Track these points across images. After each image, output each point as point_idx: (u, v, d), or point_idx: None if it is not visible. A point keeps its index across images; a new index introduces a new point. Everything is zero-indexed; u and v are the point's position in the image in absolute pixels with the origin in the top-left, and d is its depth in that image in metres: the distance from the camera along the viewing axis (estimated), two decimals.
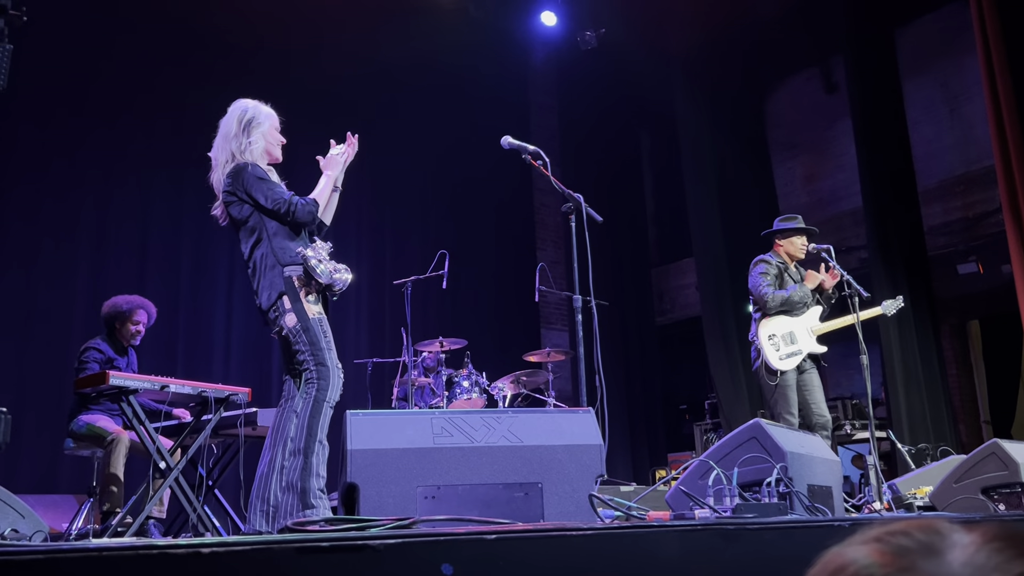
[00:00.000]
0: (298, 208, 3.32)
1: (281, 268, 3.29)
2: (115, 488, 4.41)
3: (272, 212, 3.33)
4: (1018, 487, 3.89)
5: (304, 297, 3.26)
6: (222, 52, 7.52)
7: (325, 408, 3.22)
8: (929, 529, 0.58)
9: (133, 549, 1.42)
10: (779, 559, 2.25)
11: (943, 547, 0.56)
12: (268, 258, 3.33)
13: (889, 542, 0.58)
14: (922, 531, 0.58)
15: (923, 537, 0.58)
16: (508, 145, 4.03)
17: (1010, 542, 0.56)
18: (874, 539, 0.59)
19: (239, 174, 3.38)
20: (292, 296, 3.26)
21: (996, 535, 0.56)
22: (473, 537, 1.76)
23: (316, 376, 3.23)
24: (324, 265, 3.26)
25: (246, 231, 3.41)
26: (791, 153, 10.03)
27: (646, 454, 9.60)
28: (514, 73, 10.05)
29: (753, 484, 3.03)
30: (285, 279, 3.27)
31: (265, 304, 3.34)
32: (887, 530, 0.59)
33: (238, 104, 3.60)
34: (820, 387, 5.21)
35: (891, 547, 0.57)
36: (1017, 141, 6.51)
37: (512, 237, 9.62)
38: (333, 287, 3.32)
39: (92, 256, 6.75)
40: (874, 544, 0.58)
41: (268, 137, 3.54)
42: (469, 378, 6.42)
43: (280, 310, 3.28)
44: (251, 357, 7.36)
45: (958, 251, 8.46)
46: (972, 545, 0.56)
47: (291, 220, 3.33)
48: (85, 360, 4.79)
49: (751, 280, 5.30)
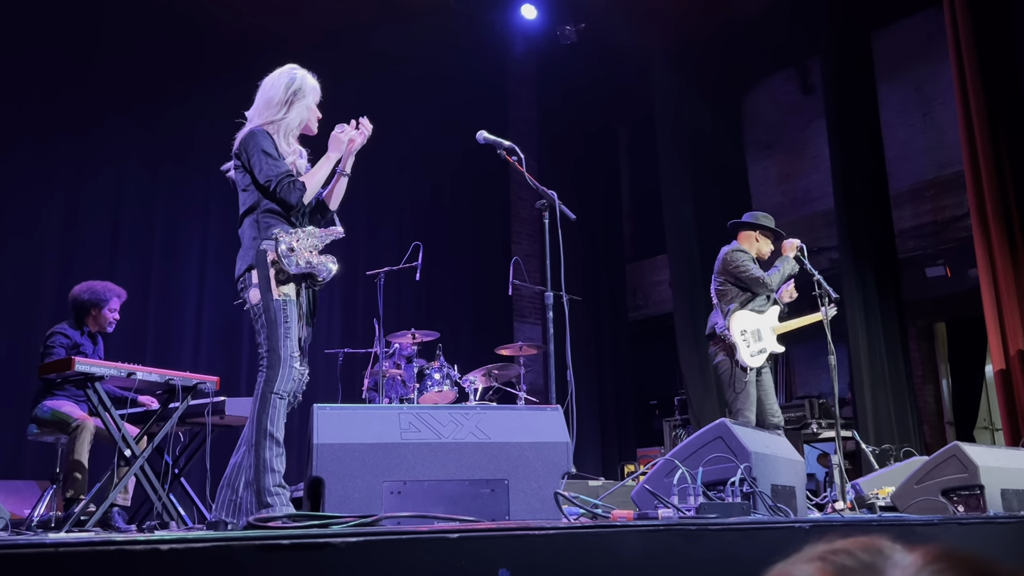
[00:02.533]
0: (282, 187, 3.17)
1: (260, 242, 3.15)
2: (79, 475, 4.36)
3: (262, 187, 3.21)
4: (977, 489, 3.96)
5: (274, 276, 3.11)
6: (198, 36, 7.44)
7: (273, 399, 2.99)
8: (871, 549, 0.60)
9: (90, 545, 1.41)
10: (741, 559, 2.28)
11: (884, 567, 0.58)
12: (251, 229, 3.21)
13: (832, 561, 0.59)
14: (864, 551, 0.59)
15: (865, 557, 0.59)
16: (483, 140, 4.02)
17: (949, 563, 0.57)
18: (818, 558, 0.60)
19: (249, 140, 3.28)
20: (261, 272, 3.11)
21: (936, 556, 0.58)
22: (435, 536, 1.76)
23: (266, 364, 3.06)
24: (297, 254, 3.11)
25: (244, 197, 3.28)
26: (766, 152, 10.10)
27: (615, 449, 9.65)
28: (493, 66, 10.02)
29: (718, 483, 3.06)
30: (259, 252, 3.13)
31: (236, 275, 3.22)
32: (830, 549, 0.60)
33: (287, 71, 3.49)
34: (773, 389, 5.26)
35: (834, 566, 0.58)
36: (986, 147, 6.61)
37: (487, 230, 9.61)
38: (316, 276, 3.18)
39: (60, 239, 6.65)
40: (818, 563, 0.59)
41: (309, 109, 3.44)
42: (441, 370, 6.41)
43: (246, 283, 3.16)
44: (221, 345, 7.30)
45: (927, 254, 8.57)
46: (912, 566, 0.57)
47: (277, 199, 3.19)
48: (51, 345, 4.73)
49: (736, 269, 5.19)
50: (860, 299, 7.74)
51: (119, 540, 1.43)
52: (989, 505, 3.90)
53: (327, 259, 3.19)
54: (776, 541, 2.40)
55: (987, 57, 6.72)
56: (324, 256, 3.20)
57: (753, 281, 5.16)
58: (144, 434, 4.30)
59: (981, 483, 3.92)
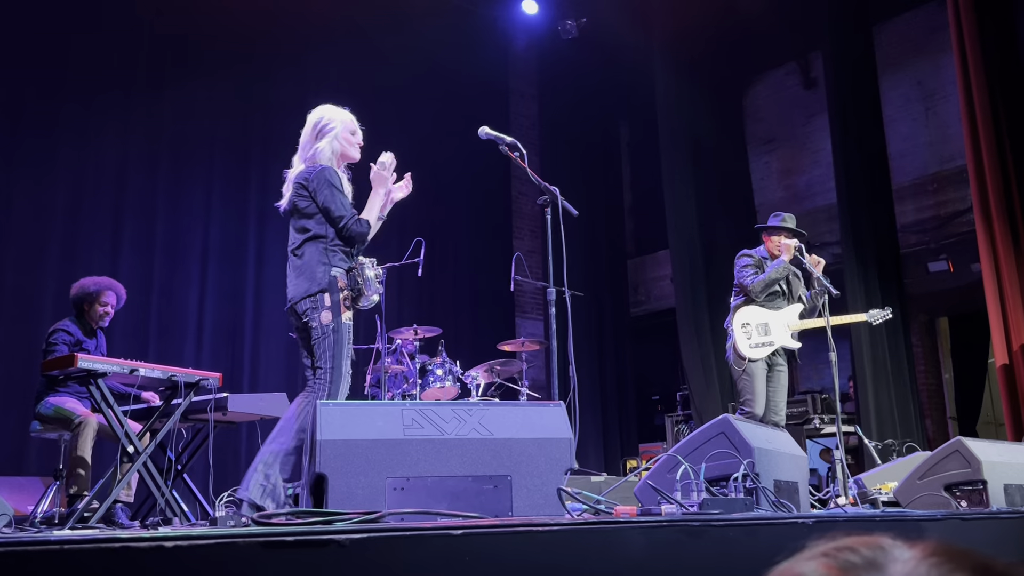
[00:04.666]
0: (352, 226, 3.49)
1: (330, 267, 3.44)
2: (82, 471, 4.36)
3: (333, 221, 3.49)
4: (980, 484, 3.96)
5: (342, 300, 3.42)
6: (201, 32, 7.43)
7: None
8: (873, 545, 0.63)
9: (95, 542, 1.41)
10: (743, 555, 2.28)
11: (885, 562, 0.61)
12: (320, 255, 3.47)
13: (837, 557, 0.62)
14: (867, 547, 0.63)
15: (867, 553, 0.62)
16: (485, 135, 4.02)
17: (947, 557, 0.60)
18: (822, 554, 0.63)
19: (317, 175, 3.53)
20: (334, 296, 3.41)
21: (935, 551, 0.61)
22: (439, 532, 1.76)
23: (328, 379, 3.34)
24: (372, 280, 3.49)
25: (306, 222, 3.53)
26: (768, 147, 10.08)
27: (618, 444, 9.66)
28: (495, 60, 10.01)
29: (720, 479, 3.06)
30: (331, 278, 3.43)
31: (299, 295, 3.45)
32: (834, 546, 0.64)
33: (315, 111, 3.74)
34: (785, 389, 5.28)
35: (839, 562, 0.62)
36: (989, 141, 6.59)
37: (489, 226, 9.60)
38: (361, 302, 3.49)
39: (64, 237, 6.65)
40: (822, 559, 0.62)
41: (341, 140, 3.65)
42: (443, 366, 6.41)
43: (318, 304, 3.41)
44: (223, 342, 7.31)
45: (929, 249, 8.56)
46: (912, 560, 0.60)
47: (345, 235, 3.50)
48: (53, 342, 4.73)
49: (736, 271, 5.35)
50: (862, 294, 7.73)
51: (124, 537, 1.44)
52: (992, 500, 3.90)
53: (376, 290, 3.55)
54: (779, 537, 2.40)
55: (990, 50, 6.70)
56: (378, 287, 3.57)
57: (742, 286, 5.29)
58: (147, 430, 4.30)
59: (984, 478, 3.92)
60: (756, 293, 5.23)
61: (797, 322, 5.28)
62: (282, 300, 3.63)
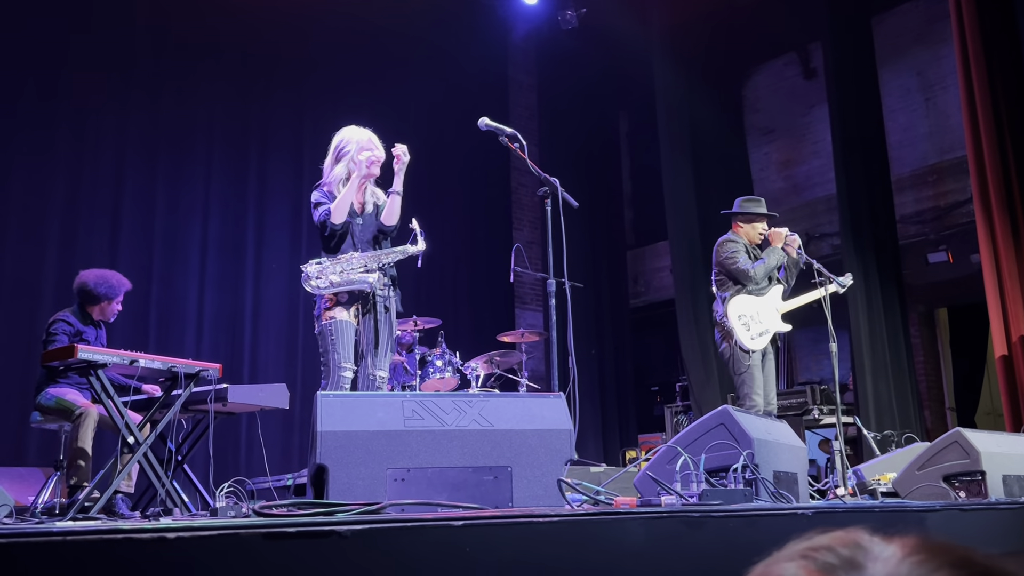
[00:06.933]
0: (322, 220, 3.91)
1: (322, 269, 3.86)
2: (82, 462, 4.37)
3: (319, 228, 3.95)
4: (978, 475, 3.97)
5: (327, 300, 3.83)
6: (199, 23, 7.40)
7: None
8: (852, 543, 0.61)
9: (97, 533, 1.42)
10: (743, 546, 2.29)
11: (865, 561, 0.59)
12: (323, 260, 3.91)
13: (815, 558, 0.60)
14: (845, 546, 0.61)
15: (846, 552, 0.60)
16: (485, 127, 4.01)
17: (930, 554, 0.58)
18: (800, 556, 0.61)
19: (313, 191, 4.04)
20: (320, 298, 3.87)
21: (915, 547, 0.59)
22: (440, 523, 1.77)
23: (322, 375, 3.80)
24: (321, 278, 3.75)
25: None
26: (768, 138, 10.07)
27: (617, 435, 9.67)
28: (494, 50, 9.98)
29: (720, 470, 3.07)
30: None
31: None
32: (811, 545, 0.62)
33: (337, 134, 4.13)
34: (774, 375, 5.25)
35: (817, 563, 0.60)
36: (989, 132, 6.58)
37: (488, 217, 9.59)
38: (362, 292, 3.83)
39: (62, 228, 6.64)
40: (800, 560, 0.61)
41: (355, 159, 3.99)
42: (443, 357, 6.42)
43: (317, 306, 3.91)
44: (223, 333, 7.30)
45: (929, 240, 8.56)
46: (893, 558, 0.58)
47: (327, 233, 3.88)
48: (53, 332, 4.72)
49: (725, 260, 5.22)
50: (862, 285, 7.73)
51: (126, 528, 1.44)
52: (990, 491, 3.92)
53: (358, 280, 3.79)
54: (778, 527, 2.41)
55: (991, 41, 6.68)
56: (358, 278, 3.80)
57: (739, 273, 5.16)
58: (147, 421, 4.31)
59: (983, 469, 3.93)
60: (757, 279, 5.15)
61: (783, 304, 5.23)
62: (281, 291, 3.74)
